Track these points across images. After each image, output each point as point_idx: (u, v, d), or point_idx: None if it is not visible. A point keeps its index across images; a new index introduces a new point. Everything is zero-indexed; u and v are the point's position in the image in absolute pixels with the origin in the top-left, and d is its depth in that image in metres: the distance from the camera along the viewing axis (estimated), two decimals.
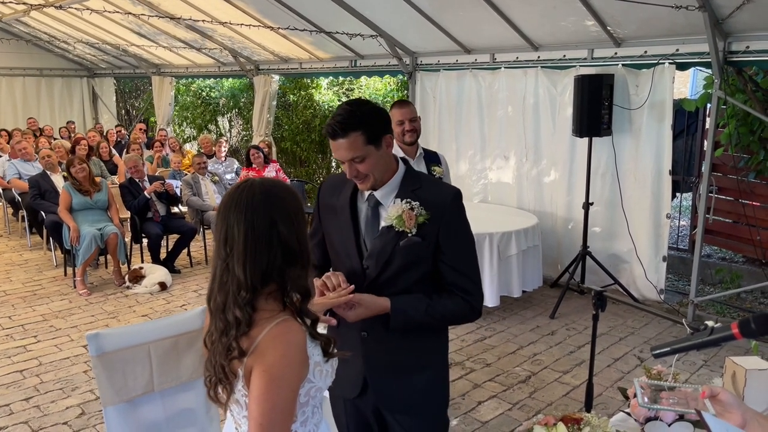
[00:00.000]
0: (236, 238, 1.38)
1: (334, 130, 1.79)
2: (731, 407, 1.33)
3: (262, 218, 1.39)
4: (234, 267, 1.37)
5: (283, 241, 1.40)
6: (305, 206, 1.55)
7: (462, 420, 3.59)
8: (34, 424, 3.52)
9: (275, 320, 1.38)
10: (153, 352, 2.35)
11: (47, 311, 5.34)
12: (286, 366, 1.34)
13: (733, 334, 1.27)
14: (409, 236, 1.84)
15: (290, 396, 1.36)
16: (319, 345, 1.47)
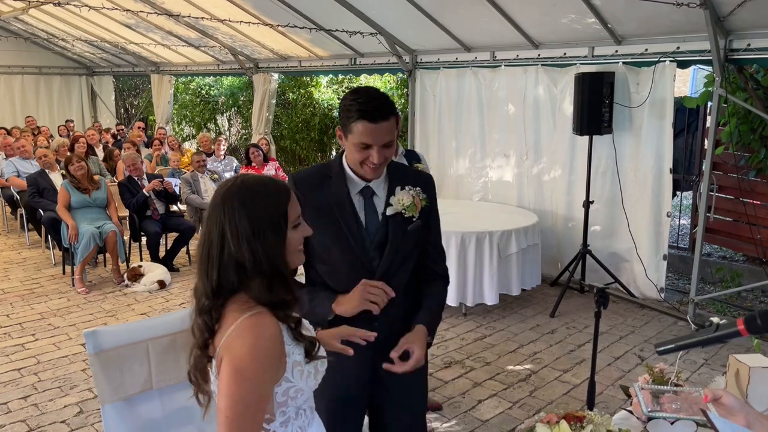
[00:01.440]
0: (200, 240, 1.40)
1: (384, 112, 1.78)
2: (735, 410, 1.33)
3: (216, 225, 1.36)
4: (198, 272, 1.39)
5: (234, 253, 1.34)
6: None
7: (462, 419, 3.57)
8: (32, 422, 3.50)
9: (247, 313, 1.34)
10: (151, 349, 2.33)
11: (45, 309, 5.32)
12: (252, 359, 1.30)
13: (739, 330, 1.25)
14: (414, 221, 1.93)
15: (256, 390, 1.31)
16: (301, 345, 1.42)
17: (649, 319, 5.16)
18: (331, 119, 9.30)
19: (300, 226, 1.45)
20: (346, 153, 1.95)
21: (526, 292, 5.55)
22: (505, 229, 5.17)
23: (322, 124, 9.31)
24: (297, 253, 1.45)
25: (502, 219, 5.55)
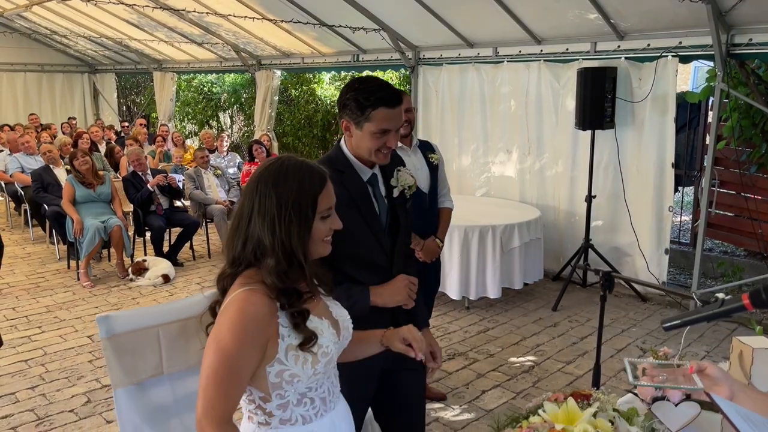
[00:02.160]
0: (233, 215, 1.46)
1: (396, 96, 1.88)
2: (719, 381, 1.38)
3: (248, 206, 1.41)
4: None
5: (257, 231, 1.38)
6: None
7: (466, 408, 3.61)
8: (40, 411, 3.54)
9: (244, 287, 1.37)
10: (162, 335, 2.36)
11: (51, 303, 5.35)
12: (227, 331, 1.33)
13: (744, 305, 1.28)
14: (408, 197, 2.10)
15: (219, 366, 1.32)
16: (298, 333, 1.41)
17: (651, 313, 5.20)
18: (334, 116, 9.33)
19: (330, 218, 1.46)
20: (353, 144, 1.99)
21: (528, 286, 5.58)
22: (507, 223, 5.20)
23: (325, 120, 9.34)
24: (322, 243, 1.46)
25: (505, 213, 5.58)
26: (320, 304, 1.53)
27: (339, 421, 1.56)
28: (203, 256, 6.93)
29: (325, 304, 1.56)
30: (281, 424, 1.46)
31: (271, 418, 1.46)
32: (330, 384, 1.54)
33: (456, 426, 3.42)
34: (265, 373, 1.39)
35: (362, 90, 1.89)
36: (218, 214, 6.73)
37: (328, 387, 1.53)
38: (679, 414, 1.85)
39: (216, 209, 6.76)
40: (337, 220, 1.49)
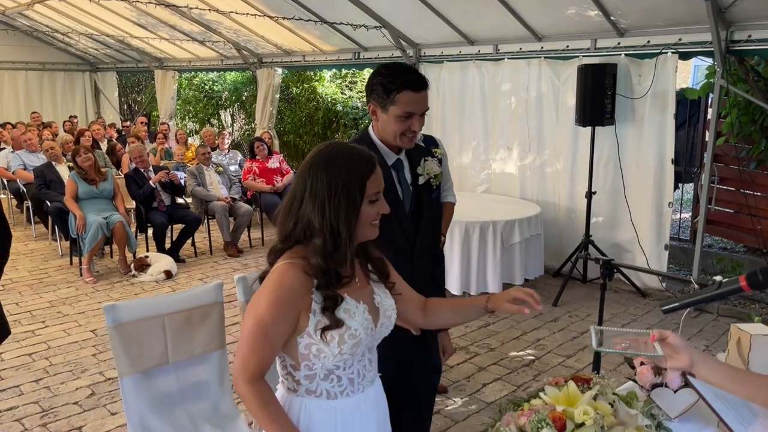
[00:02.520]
0: (287, 196, 1.53)
1: (421, 81, 1.97)
2: (679, 349, 1.42)
3: (300, 187, 1.48)
4: None
5: (307, 212, 1.45)
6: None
7: (468, 401, 3.64)
8: (45, 404, 3.57)
9: (285, 261, 1.47)
10: (167, 324, 2.40)
11: (54, 298, 5.38)
12: (260, 298, 1.45)
13: (741, 286, 1.31)
14: (434, 188, 2.15)
15: (254, 329, 1.44)
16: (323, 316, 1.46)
17: (651, 308, 5.22)
18: (335, 113, 9.36)
19: (378, 202, 1.50)
20: (379, 128, 2.07)
21: (529, 281, 5.60)
22: (508, 219, 5.23)
23: (326, 118, 9.37)
24: (370, 226, 1.51)
25: (506, 210, 5.61)
26: (365, 289, 1.58)
27: (366, 405, 1.59)
28: (205, 252, 6.95)
29: (371, 290, 1.60)
30: (307, 393, 1.53)
31: (298, 386, 1.54)
32: (361, 367, 1.57)
33: (457, 418, 3.44)
34: (296, 343, 1.48)
35: (388, 74, 1.98)
36: (220, 210, 6.76)
37: (359, 369, 1.56)
38: (678, 401, 1.89)
39: (217, 206, 6.79)
40: (384, 204, 1.53)
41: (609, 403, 1.59)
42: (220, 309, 2.55)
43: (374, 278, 1.62)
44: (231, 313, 4.34)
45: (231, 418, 2.54)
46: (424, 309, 1.76)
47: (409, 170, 2.09)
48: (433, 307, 1.76)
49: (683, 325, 4.86)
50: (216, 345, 2.54)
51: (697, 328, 4.80)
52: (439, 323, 1.80)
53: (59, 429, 3.30)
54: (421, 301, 1.77)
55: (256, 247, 7.19)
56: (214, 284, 2.55)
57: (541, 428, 1.48)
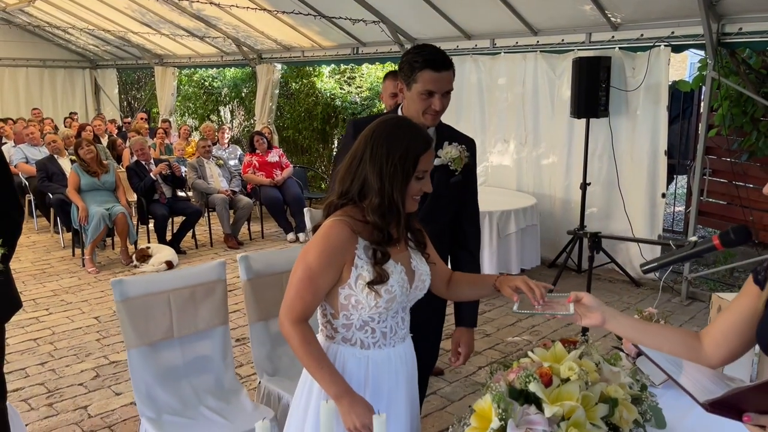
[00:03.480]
0: (347, 156, 1.64)
1: (443, 61, 2.05)
2: (593, 309, 1.55)
3: (363, 146, 1.59)
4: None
5: (367, 173, 1.57)
6: None
7: (462, 382, 3.73)
8: (50, 385, 3.65)
9: (334, 218, 1.60)
10: (172, 300, 2.49)
11: (57, 287, 5.47)
12: (313, 248, 1.59)
13: (714, 245, 1.40)
14: (456, 175, 2.17)
15: (302, 275, 1.58)
16: (373, 270, 1.59)
17: (645, 297, 5.32)
18: (333, 108, 9.43)
19: (423, 180, 1.62)
20: (406, 105, 2.17)
21: (525, 272, 5.69)
22: (504, 209, 5.32)
23: (325, 113, 9.43)
24: (412, 200, 1.63)
25: (502, 201, 5.69)
26: (404, 253, 1.71)
27: (396, 359, 1.72)
28: (205, 244, 7.04)
29: (408, 254, 1.72)
30: (343, 341, 1.67)
31: (336, 334, 1.67)
32: (395, 323, 1.69)
33: (453, 398, 3.54)
34: (337, 293, 1.61)
35: (415, 53, 2.08)
36: (220, 203, 6.84)
37: (392, 325, 1.69)
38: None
39: (218, 198, 6.87)
40: (428, 183, 1.65)
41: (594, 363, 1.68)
42: (223, 286, 2.64)
43: (412, 246, 1.75)
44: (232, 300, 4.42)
45: (234, 392, 2.63)
46: (449, 282, 1.91)
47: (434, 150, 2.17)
48: (456, 281, 1.91)
49: (676, 312, 4.97)
50: (219, 321, 2.63)
51: (689, 315, 4.90)
52: (459, 296, 1.95)
53: (65, 408, 3.38)
54: (448, 274, 1.91)
55: (255, 240, 7.27)
56: (218, 262, 2.64)
57: (528, 383, 1.57)
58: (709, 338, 1.43)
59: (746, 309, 1.37)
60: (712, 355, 1.43)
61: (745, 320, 1.36)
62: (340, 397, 1.56)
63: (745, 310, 1.37)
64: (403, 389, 1.73)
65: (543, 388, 1.54)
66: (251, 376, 3.71)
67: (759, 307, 1.31)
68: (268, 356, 2.72)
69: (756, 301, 1.34)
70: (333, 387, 1.57)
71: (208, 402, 2.53)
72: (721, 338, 1.40)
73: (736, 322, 1.38)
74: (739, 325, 1.37)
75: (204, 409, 2.47)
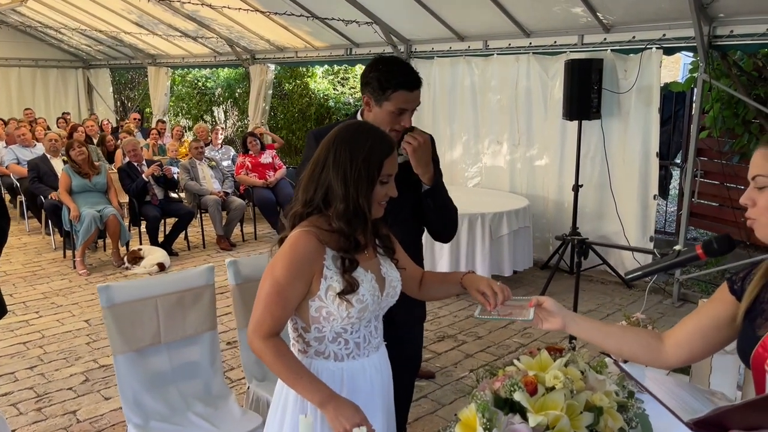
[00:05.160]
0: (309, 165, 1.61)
1: (417, 81, 2.08)
2: (554, 313, 1.57)
3: (324, 156, 1.57)
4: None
5: (330, 180, 1.54)
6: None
7: (453, 386, 3.72)
8: (39, 389, 3.63)
9: (300, 229, 1.56)
10: (160, 305, 2.48)
11: (48, 290, 5.44)
12: (279, 260, 1.55)
13: (698, 254, 1.40)
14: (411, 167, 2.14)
15: (270, 289, 1.54)
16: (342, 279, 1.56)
17: (636, 298, 5.33)
18: (327, 109, 9.43)
19: (388, 184, 1.60)
20: (371, 119, 2.15)
21: (517, 273, 5.71)
22: (496, 211, 5.32)
23: (318, 114, 9.44)
24: (378, 205, 1.61)
25: (494, 202, 5.70)
26: (373, 260, 1.68)
27: (371, 369, 1.69)
28: (198, 246, 7.02)
29: (377, 261, 1.70)
30: (316, 355, 1.64)
31: (309, 348, 1.64)
32: (368, 333, 1.67)
33: (443, 401, 3.53)
34: (308, 306, 1.58)
35: (385, 71, 2.06)
36: (212, 204, 6.82)
37: (365, 335, 1.67)
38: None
39: (210, 200, 6.85)
40: (393, 187, 1.63)
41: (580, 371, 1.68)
42: (212, 291, 2.63)
43: (380, 252, 1.73)
44: (221, 303, 4.41)
45: (222, 397, 2.62)
46: (421, 282, 1.89)
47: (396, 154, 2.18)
48: (426, 281, 1.89)
49: (667, 314, 4.98)
50: (207, 326, 2.62)
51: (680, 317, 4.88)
52: (432, 295, 1.93)
53: (54, 413, 3.36)
54: (419, 275, 1.89)
55: (248, 241, 7.26)
56: (206, 267, 2.63)
57: (513, 391, 1.56)
58: (673, 339, 1.45)
59: (716, 315, 1.37)
60: (672, 354, 1.44)
61: (712, 326, 1.37)
62: (325, 403, 1.52)
63: (714, 316, 1.38)
64: (378, 400, 1.71)
65: (528, 397, 1.54)
66: (242, 380, 3.69)
67: (737, 321, 1.31)
68: (257, 361, 2.71)
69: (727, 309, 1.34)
70: (316, 395, 1.54)
71: (196, 408, 2.52)
72: (685, 340, 1.42)
73: (703, 326, 1.39)
74: (705, 329, 1.38)
75: (192, 415, 2.46)
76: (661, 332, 1.57)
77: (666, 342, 1.48)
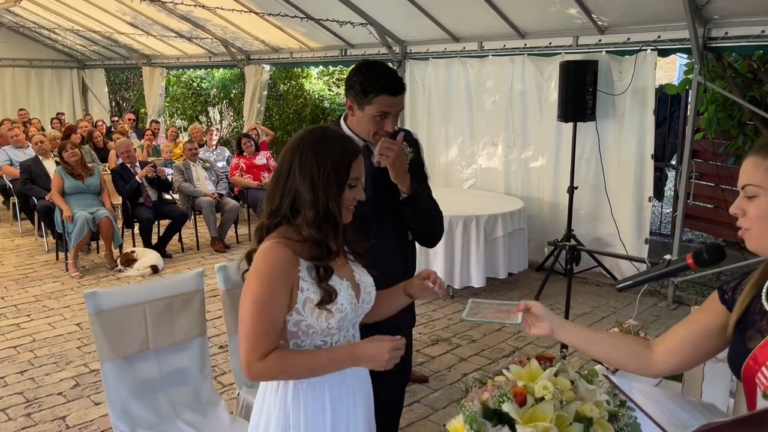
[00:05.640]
0: (273, 173, 1.57)
1: (399, 86, 2.05)
2: (542, 318, 1.54)
3: (289, 160, 1.52)
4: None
5: (298, 186, 1.50)
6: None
7: (447, 390, 3.70)
8: (29, 394, 3.60)
9: (270, 241, 1.50)
10: (148, 312, 2.44)
11: (40, 292, 5.40)
12: (254, 278, 1.48)
13: (688, 264, 1.38)
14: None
15: (257, 306, 1.47)
16: (319, 290, 1.52)
17: (631, 301, 5.31)
18: (322, 110, 9.41)
19: (356, 188, 1.57)
20: (354, 122, 2.14)
21: (512, 275, 5.69)
22: (491, 213, 5.30)
23: (313, 115, 9.42)
24: (346, 210, 1.57)
25: (489, 204, 5.68)
26: (345, 267, 1.64)
27: (352, 380, 1.65)
28: (192, 248, 6.98)
29: (350, 268, 1.66)
30: None
31: None
32: (346, 343, 1.63)
33: (437, 406, 3.51)
34: (285, 321, 1.52)
35: (368, 76, 2.04)
36: (206, 206, 6.79)
37: (344, 345, 1.62)
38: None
39: (204, 201, 6.82)
40: (361, 191, 1.59)
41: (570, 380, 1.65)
42: (201, 297, 2.60)
43: (351, 258, 1.69)
44: (215, 306, 4.39)
45: (212, 404, 2.59)
46: None
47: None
48: (378, 298, 1.79)
49: (662, 317, 4.97)
50: (197, 332, 2.59)
51: (675, 320, 4.86)
52: (383, 312, 1.83)
53: (43, 418, 3.33)
54: None
55: (243, 243, 7.22)
56: (195, 272, 2.60)
57: (502, 402, 1.54)
58: (663, 346, 1.42)
59: (707, 324, 1.36)
60: (662, 362, 1.42)
61: (703, 334, 1.36)
62: (356, 360, 1.52)
63: (705, 324, 1.36)
64: (361, 410, 1.68)
65: (517, 407, 1.51)
66: (233, 385, 3.66)
67: (728, 332, 1.29)
68: None
69: (718, 318, 1.32)
70: (342, 363, 1.53)
71: (185, 415, 2.49)
72: (676, 347, 1.40)
73: (694, 334, 1.37)
74: (696, 337, 1.37)
75: (180, 423, 2.43)
76: (651, 340, 1.55)
77: (655, 350, 1.46)
